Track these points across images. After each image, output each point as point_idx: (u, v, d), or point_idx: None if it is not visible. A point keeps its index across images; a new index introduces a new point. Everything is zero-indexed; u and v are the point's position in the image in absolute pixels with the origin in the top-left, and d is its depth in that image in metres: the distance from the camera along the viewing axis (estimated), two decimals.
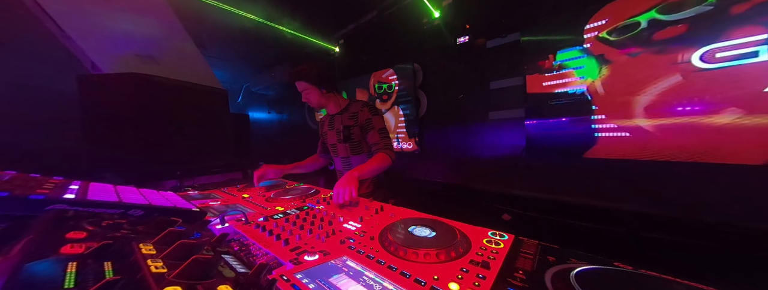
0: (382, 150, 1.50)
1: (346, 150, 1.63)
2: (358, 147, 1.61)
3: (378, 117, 1.57)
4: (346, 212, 1.04)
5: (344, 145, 1.61)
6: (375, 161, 1.43)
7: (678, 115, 1.69)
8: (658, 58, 1.73)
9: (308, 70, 1.51)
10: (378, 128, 1.54)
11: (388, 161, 1.46)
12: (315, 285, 0.56)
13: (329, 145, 1.74)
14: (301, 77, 1.51)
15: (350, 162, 1.63)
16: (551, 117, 2.23)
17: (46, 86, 2.23)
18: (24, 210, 0.60)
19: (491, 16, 2.62)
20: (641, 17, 1.77)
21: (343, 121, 1.61)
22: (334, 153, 1.74)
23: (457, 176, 3.08)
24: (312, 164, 1.87)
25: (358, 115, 1.57)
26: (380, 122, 1.57)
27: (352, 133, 1.58)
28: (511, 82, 2.54)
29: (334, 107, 1.65)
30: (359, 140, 1.59)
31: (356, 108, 1.60)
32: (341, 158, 1.68)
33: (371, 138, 1.54)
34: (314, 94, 1.55)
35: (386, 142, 1.53)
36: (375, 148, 1.53)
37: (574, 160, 2.16)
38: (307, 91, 1.55)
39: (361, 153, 1.61)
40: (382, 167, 1.45)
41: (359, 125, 1.57)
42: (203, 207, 1.09)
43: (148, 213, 0.74)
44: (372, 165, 1.40)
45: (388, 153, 1.48)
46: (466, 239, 0.75)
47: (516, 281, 0.57)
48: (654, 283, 0.55)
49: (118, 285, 0.36)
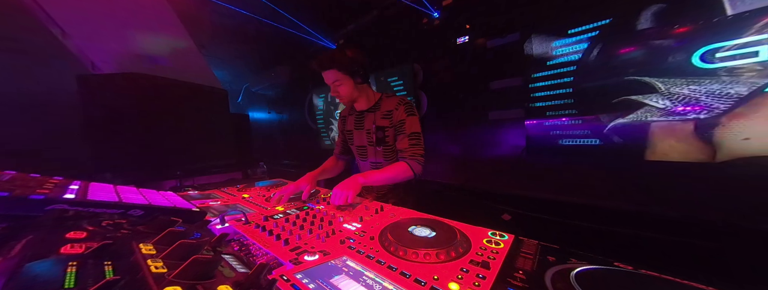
0: (407, 159, 1.27)
1: (377, 155, 1.40)
2: (392, 152, 1.38)
3: (413, 118, 1.32)
4: (346, 212, 1.04)
5: (376, 148, 1.38)
6: (391, 170, 1.23)
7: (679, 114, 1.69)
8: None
9: (340, 55, 1.24)
10: (409, 132, 1.30)
11: (409, 173, 1.24)
12: (315, 285, 0.56)
13: (355, 147, 1.50)
14: (334, 64, 1.24)
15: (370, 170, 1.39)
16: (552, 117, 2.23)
17: (46, 86, 2.23)
18: (24, 210, 0.60)
19: (491, 16, 2.62)
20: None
21: (375, 120, 1.36)
22: (361, 157, 1.50)
23: (457, 176, 3.08)
24: (333, 168, 1.61)
25: (393, 114, 1.32)
26: (415, 125, 1.31)
27: (386, 135, 1.35)
28: (511, 82, 2.54)
29: (365, 102, 1.39)
30: (393, 144, 1.36)
31: (391, 105, 1.35)
32: (371, 163, 1.44)
33: (400, 143, 1.31)
34: (347, 85, 1.28)
35: (415, 150, 1.28)
36: (401, 156, 1.30)
37: (574, 160, 2.16)
38: (339, 82, 1.27)
39: (394, 158, 1.39)
40: (397, 178, 1.24)
41: (394, 126, 1.34)
42: (203, 207, 1.09)
43: (148, 213, 0.74)
44: (385, 174, 1.21)
45: (412, 164, 1.25)
46: (466, 239, 0.75)
47: (516, 281, 0.57)
48: (654, 283, 0.55)
49: (118, 285, 0.36)
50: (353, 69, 1.27)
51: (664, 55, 1.70)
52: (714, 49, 1.55)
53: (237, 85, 5.75)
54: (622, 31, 1.86)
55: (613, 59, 1.91)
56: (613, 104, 1.93)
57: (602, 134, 2.00)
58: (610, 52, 1.92)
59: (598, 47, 1.99)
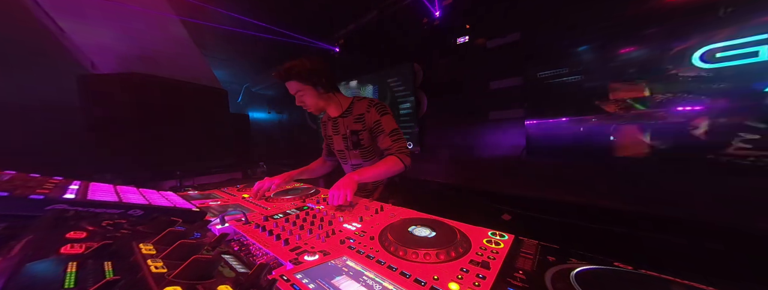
0: (394, 154, 1.31)
1: (355, 158, 1.46)
2: (370, 153, 1.42)
3: (387, 117, 1.36)
4: (346, 212, 1.04)
5: (354, 152, 1.44)
6: (382, 165, 1.26)
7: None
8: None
9: (299, 66, 1.27)
10: (389, 130, 1.34)
11: (399, 166, 1.28)
12: (315, 285, 0.56)
13: (336, 151, 1.56)
14: (292, 76, 1.27)
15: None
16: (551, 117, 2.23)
17: (45, 86, 2.23)
18: (24, 210, 0.60)
19: (491, 16, 2.62)
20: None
21: (348, 125, 1.41)
22: (343, 161, 1.56)
23: (457, 176, 3.08)
24: (319, 168, 1.69)
25: (365, 117, 1.36)
26: (390, 123, 1.35)
27: (361, 138, 1.39)
28: (511, 82, 2.54)
29: (336, 109, 1.43)
30: (370, 145, 1.41)
31: (361, 108, 1.38)
32: (352, 165, 1.50)
33: (382, 142, 1.35)
34: (310, 95, 1.32)
35: (399, 145, 1.33)
36: (387, 153, 1.34)
37: (574, 160, 2.16)
38: (301, 92, 1.31)
39: (373, 158, 1.44)
40: (389, 172, 1.28)
41: (368, 129, 1.37)
42: (203, 207, 1.09)
43: (148, 213, 0.74)
44: (377, 170, 1.24)
45: (401, 157, 1.29)
46: (466, 239, 0.75)
47: (516, 281, 0.57)
48: (654, 283, 0.55)
49: (118, 285, 0.36)
50: (314, 79, 1.30)
51: (665, 54, 1.71)
52: (714, 49, 1.55)
53: (237, 85, 5.75)
54: (623, 31, 1.86)
55: (614, 59, 1.91)
56: (614, 104, 1.93)
57: (602, 134, 2.00)
58: (611, 51, 1.92)
59: (598, 47, 1.99)
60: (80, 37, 2.36)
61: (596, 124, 2.02)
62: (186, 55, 3.06)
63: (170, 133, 2.51)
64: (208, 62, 3.42)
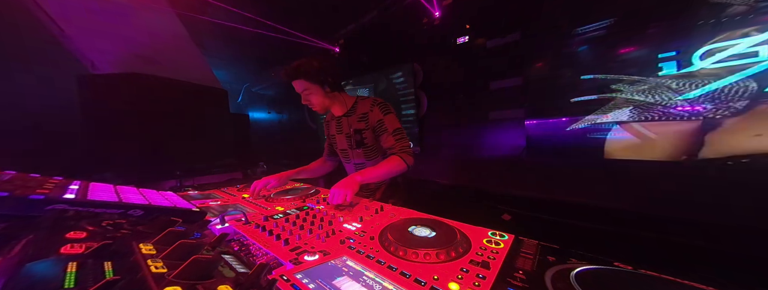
0: (397, 153, 1.31)
1: (358, 156, 1.46)
2: (373, 152, 1.43)
3: (390, 116, 1.37)
4: (346, 212, 1.04)
5: (357, 150, 1.44)
6: (385, 165, 1.26)
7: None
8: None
9: (307, 65, 1.29)
10: (392, 130, 1.34)
11: (402, 166, 1.28)
12: (315, 285, 0.56)
13: (339, 150, 1.56)
14: (300, 75, 1.29)
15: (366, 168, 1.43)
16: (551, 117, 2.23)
17: (45, 86, 2.23)
18: (24, 210, 0.60)
19: (491, 16, 2.62)
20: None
21: (351, 124, 1.42)
22: (345, 159, 1.57)
23: (457, 176, 3.08)
24: (319, 168, 1.69)
25: (369, 116, 1.37)
26: (393, 122, 1.36)
27: (364, 137, 1.40)
28: (511, 82, 2.54)
29: (340, 108, 1.44)
30: (373, 144, 1.41)
31: (365, 107, 1.39)
32: (355, 164, 1.50)
33: (385, 141, 1.36)
34: (317, 94, 1.34)
35: (402, 144, 1.33)
36: (390, 153, 1.35)
37: (573, 160, 2.16)
38: (308, 91, 1.33)
39: (376, 157, 1.44)
40: (392, 172, 1.28)
41: (371, 128, 1.38)
42: (203, 207, 1.09)
43: (148, 213, 0.74)
44: (380, 170, 1.24)
45: (404, 156, 1.30)
46: (466, 239, 0.75)
47: (516, 281, 0.57)
48: (654, 283, 0.55)
49: (118, 285, 0.36)
50: (321, 78, 1.32)
51: (666, 54, 1.71)
52: (714, 49, 1.55)
53: (237, 85, 5.75)
54: (624, 32, 1.86)
55: (615, 59, 1.91)
56: (614, 104, 1.93)
57: (602, 134, 2.00)
58: (612, 51, 1.92)
59: (599, 47, 1.99)
60: (80, 37, 2.36)
61: (596, 124, 2.02)
62: (186, 55, 3.06)
63: (170, 133, 2.51)
64: (208, 62, 3.42)
